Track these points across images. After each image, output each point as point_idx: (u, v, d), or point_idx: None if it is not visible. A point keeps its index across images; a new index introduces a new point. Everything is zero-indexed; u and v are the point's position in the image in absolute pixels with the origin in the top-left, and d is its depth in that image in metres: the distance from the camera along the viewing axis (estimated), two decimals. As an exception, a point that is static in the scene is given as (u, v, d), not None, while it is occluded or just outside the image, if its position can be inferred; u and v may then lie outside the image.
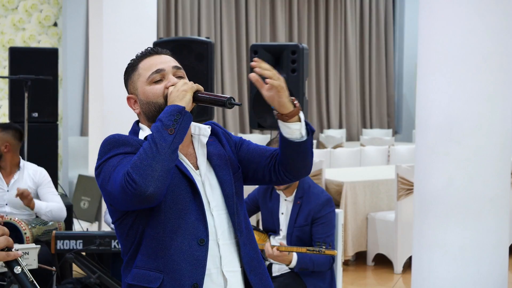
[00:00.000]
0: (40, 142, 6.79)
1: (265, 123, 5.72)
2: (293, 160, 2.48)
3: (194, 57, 5.95)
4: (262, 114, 5.78)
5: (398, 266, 7.24)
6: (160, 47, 5.80)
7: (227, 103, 2.38)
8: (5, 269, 4.25)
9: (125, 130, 2.63)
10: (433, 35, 4.67)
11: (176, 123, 2.28)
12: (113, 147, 2.38)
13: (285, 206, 4.51)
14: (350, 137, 14.99)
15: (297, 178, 2.57)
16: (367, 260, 7.61)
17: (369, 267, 7.57)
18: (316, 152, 9.83)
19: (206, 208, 2.41)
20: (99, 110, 8.08)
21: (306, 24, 14.72)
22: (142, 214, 2.36)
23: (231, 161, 2.55)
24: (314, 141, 12.74)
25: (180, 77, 2.49)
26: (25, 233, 4.99)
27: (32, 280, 2.10)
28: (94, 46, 8.44)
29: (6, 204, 5.26)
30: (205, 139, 2.52)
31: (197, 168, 2.47)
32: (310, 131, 2.46)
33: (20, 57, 6.94)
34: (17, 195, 5.12)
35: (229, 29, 13.73)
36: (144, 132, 2.47)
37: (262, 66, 2.39)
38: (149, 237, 2.38)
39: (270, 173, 2.54)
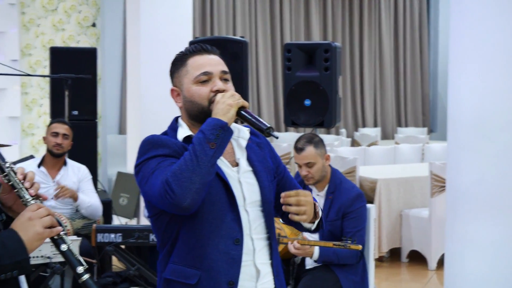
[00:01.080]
0: (80, 139, 6.94)
1: (299, 121, 5.83)
2: (295, 226, 2.71)
3: (229, 56, 6.04)
4: (296, 112, 5.89)
5: (432, 263, 7.29)
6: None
7: (265, 131, 2.43)
8: (48, 260, 4.42)
9: (162, 129, 2.70)
10: (464, 33, 4.72)
11: (218, 138, 2.35)
12: (151, 147, 2.46)
13: (317, 201, 4.60)
14: (385, 136, 14.99)
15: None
16: (402, 257, 7.67)
17: (403, 263, 7.63)
18: (350, 149, 9.91)
19: (241, 204, 2.50)
20: (137, 109, 8.21)
21: (340, 23, 14.75)
22: (178, 214, 2.45)
23: (269, 170, 2.63)
24: (349, 139, 12.80)
25: (226, 80, 2.54)
26: (66, 226, 5.17)
27: (77, 257, 2.19)
28: (131, 46, 8.58)
29: (52, 198, 5.44)
30: (244, 142, 2.60)
31: (235, 165, 2.56)
32: (321, 227, 2.69)
33: (60, 57, 7.12)
34: (56, 189, 5.30)
35: (264, 28, 13.83)
36: (183, 130, 2.55)
37: (288, 201, 2.47)
38: (185, 235, 2.47)
39: (279, 212, 2.68)
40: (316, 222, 2.63)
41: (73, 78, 6.42)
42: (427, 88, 15.86)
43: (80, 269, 2.18)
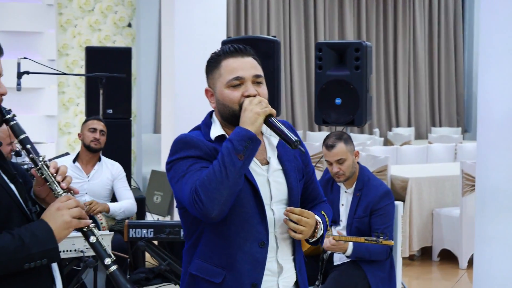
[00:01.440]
0: (114, 138, 7.04)
1: (329, 119, 5.88)
2: None
3: (261, 55, 6.10)
4: (327, 111, 5.94)
5: (463, 262, 7.30)
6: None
7: (292, 144, 2.45)
8: (81, 254, 4.53)
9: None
10: (493, 32, 4.74)
11: (246, 150, 2.38)
12: (184, 147, 2.51)
13: (345, 198, 4.67)
14: (419, 135, 14.96)
15: None
16: (433, 255, 7.68)
17: (434, 262, 7.63)
18: (382, 148, 9.93)
19: (267, 203, 2.55)
20: (171, 108, 8.31)
21: (374, 23, 14.76)
22: None
23: (299, 169, 2.68)
24: (382, 139, 12.80)
25: (258, 83, 2.55)
26: (102, 223, 5.28)
27: (106, 248, 2.25)
28: (166, 46, 8.68)
29: (86, 193, 5.56)
30: (275, 141, 2.64)
31: (265, 163, 2.60)
32: (321, 241, 2.74)
33: (96, 56, 7.24)
34: (86, 205, 5.39)
35: (297, 28, 13.89)
36: (215, 127, 2.60)
37: (291, 217, 2.53)
38: (210, 234, 2.54)
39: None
40: (314, 239, 2.66)
41: (108, 77, 6.53)
42: (461, 88, 15.79)
43: (107, 261, 2.24)
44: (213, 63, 2.60)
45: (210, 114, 2.68)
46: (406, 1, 15.11)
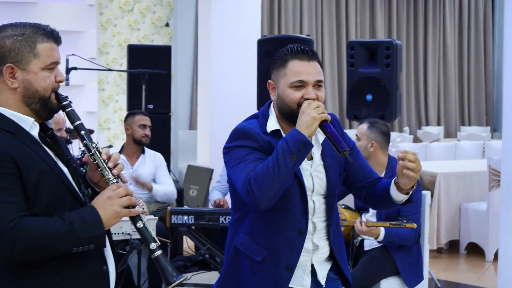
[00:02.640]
0: (154, 132, 7.33)
1: (361, 115, 6.15)
2: (383, 206, 3.00)
3: (295, 53, 6.37)
4: (358, 106, 6.21)
5: (490, 255, 7.50)
6: (263, 44, 6.29)
7: (341, 152, 2.61)
8: (128, 237, 4.84)
9: (231, 125, 2.94)
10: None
11: (299, 153, 2.59)
12: (242, 137, 2.77)
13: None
14: (448, 134, 15.09)
15: (373, 209, 3.14)
16: (460, 249, 7.89)
17: (461, 255, 7.84)
18: (412, 145, 10.16)
19: (309, 194, 2.82)
20: (207, 105, 8.55)
21: (405, 22, 14.91)
22: None
23: (340, 164, 2.92)
24: (411, 136, 12.99)
25: (319, 87, 2.76)
26: (143, 209, 5.59)
27: (151, 234, 2.38)
28: (203, 45, 8.91)
29: (130, 184, 5.89)
30: (321, 138, 2.88)
31: (310, 158, 2.86)
32: (410, 201, 2.89)
33: (137, 54, 7.57)
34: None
35: (329, 26, 14.10)
36: (272, 120, 2.83)
37: (408, 157, 2.68)
38: (257, 215, 2.81)
39: (361, 194, 3.00)
40: (409, 194, 2.83)
41: (150, 73, 6.84)
42: (491, 88, 15.88)
43: (153, 246, 2.35)
44: (280, 61, 2.80)
45: (268, 105, 2.90)
46: (437, 1, 15.25)
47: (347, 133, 3.02)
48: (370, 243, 4.93)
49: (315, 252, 2.88)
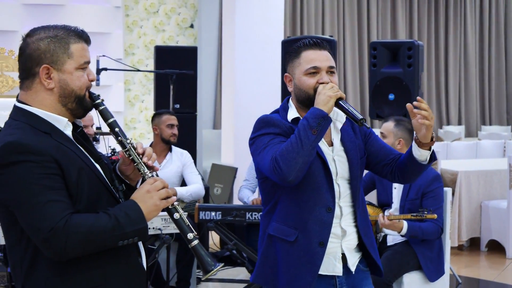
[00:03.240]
0: (181, 131, 7.48)
1: (383, 114, 6.28)
2: (410, 173, 3.06)
3: (318, 54, 6.51)
4: (380, 106, 6.34)
5: (510, 252, 7.60)
6: (287, 45, 6.47)
7: (359, 121, 2.83)
8: (158, 232, 5.01)
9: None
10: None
11: (319, 126, 2.79)
12: (265, 126, 2.97)
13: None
14: (469, 133, 15.13)
15: (403, 183, 3.18)
16: (481, 246, 8.00)
17: (482, 252, 7.95)
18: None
19: (334, 178, 2.99)
20: (231, 105, 8.69)
21: (426, 22, 14.98)
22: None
23: (360, 147, 3.09)
24: (433, 135, 13.04)
25: (332, 73, 2.97)
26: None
27: (188, 224, 2.47)
28: (227, 46, 9.07)
29: None
30: (340, 125, 3.06)
31: (331, 144, 3.04)
32: (433, 159, 3.01)
33: (164, 55, 7.72)
34: None
35: (351, 27, 14.22)
36: (292, 111, 3.04)
37: (422, 106, 2.88)
38: (286, 200, 2.98)
39: (387, 171, 3.12)
40: (431, 150, 2.98)
41: (177, 73, 7.00)
42: (512, 87, 15.92)
43: (190, 235, 2.43)
44: (294, 53, 3.03)
45: (287, 100, 3.11)
46: (458, 1, 15.31)
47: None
48: (393, 238, 5.07)
49: (344, 238, 3.03)
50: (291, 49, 3.06)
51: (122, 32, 10.70)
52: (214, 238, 7.54)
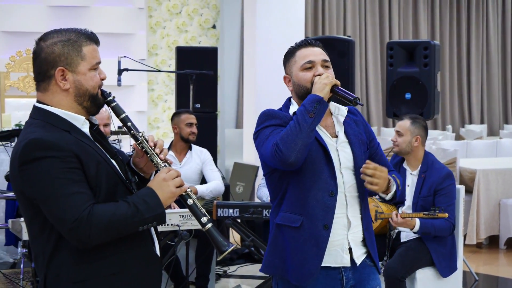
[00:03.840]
0: (201, 130, 7.59)
1: (400, 112, 6.37)
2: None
3: (336, 54, 6.61)
4: (397, 104, 6.44)
5: (529, 249, 7.66)
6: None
7: (352, 101, 3.01)
8: (176, 228, 5.14)
9: None
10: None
11: (316, 110, 2.97)
12: (267, 118, 3.13)
13: (411, 179, 5.18)
14: (492, 132, 15.11)
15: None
16: (500, 244, 8.03)
17: (501, 250, 7.98)
18: (453, 143, 10.28)
19: (337, 167, 3.11)
20: (253, 105, 8.78)
21: (448, 22, 14.98)
22: (286, 172, 3.09)
23: (363, 142, 3.23)
24: (454, 134, 13.09)
25: (326, 67, 3.14)
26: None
27: (202, 209, 2.56)
28: (248, 46, 9.15)
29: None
30: (342, 118, 3.21)
31: (334, 136, 3.17)
32: (395, 198, 3.22)
33: (185, 55, 7.86)
34: None
35: (373, 28, 14.27)
36: (293, 107, 3.19)
37: (367, 172, 3.00)
38: (292, 189, 3.11)
39: None
40: (390, 194, 3.15)
41: (197, 73, 7.12)
42: (535, 86, 15.86)
43: (204, 219, 2.54)
44: (289, 54, 3.20)
45: (289, 99, 3.26)
46: (480, 1, 15.29)
47: (371, 128, 3.35)
48: (406, 235, 5.16)
49: (350, 230, 3.13)
50: (287, 51, 3.22)
51: (145, 33, 10.84)
52: (235, 236, 7.66)
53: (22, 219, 5.01)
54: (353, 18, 13.98)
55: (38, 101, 2.55)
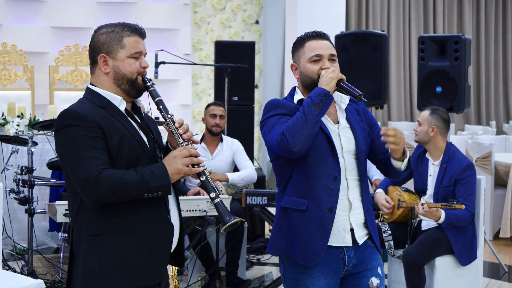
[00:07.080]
0: (238, 122, 7.81)
1: (431, 105, 6.45)
2: (390, 173, 3.46)
3: (370, 48, 6.72)
4: (428, 98, 6.54)
5: (563, 243, 7.66)
6: (340, 40, 6.71)
7: (357, 97, 3.17)
8: (203, 214, 5.35)
9: None
10: None
11: (322, 103, 3.13)
12: (273, 108, 3.30)
13: (433, 169, 5.30)
14: (540, 129, 14.99)
15: (385, 176, 3.60)
16: (535, 238, 8.07)
17: (536, 244, 8.03)
18: (491, 137, 10.29)
19: (339, 152, 3.28)
20: (293, 99, 8.94)
21: (493, 18, 14.84)
22: (291, 158, 3.24)
23: (364, 129, 3.39)
24: (495, 129, 13.02)
25: (333, 61, 3.29)
26: (221, 191, 6.07)
27: (213, 186, 2.88)
28: (290, 41, 9.32)
29: (211, 170, 6.30)
30: (343, 106, 3.37)
31: (336, 122, 3.33)
32: (408, 168, 3.38)
33: (223, 50, 8.08)
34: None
35: (417, 23, 14.22)
36: (298, 95, 3.35)
37: (388, 133, 3.20)
38: (297, 174, 3.28)
39: (379, 160, 3.46)
40: (405, 161, 3.33)
41: (232, 67, 7.30)
42: None
43: (213, 194, 2.86)
44: (298, 44, 3.35)
45: (294, 88, 3.41)
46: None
47: (371, 114, 3.52)
48: (427, 224, 5.28)
49: (351, 211, 3.30)
50: (296, 41, 3.37)
51: (190, 28, 11.07)
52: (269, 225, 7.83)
53: (57, 202, 5.30)
54: (397, 14, 13.97)
55: (91, 83, 2.96)
